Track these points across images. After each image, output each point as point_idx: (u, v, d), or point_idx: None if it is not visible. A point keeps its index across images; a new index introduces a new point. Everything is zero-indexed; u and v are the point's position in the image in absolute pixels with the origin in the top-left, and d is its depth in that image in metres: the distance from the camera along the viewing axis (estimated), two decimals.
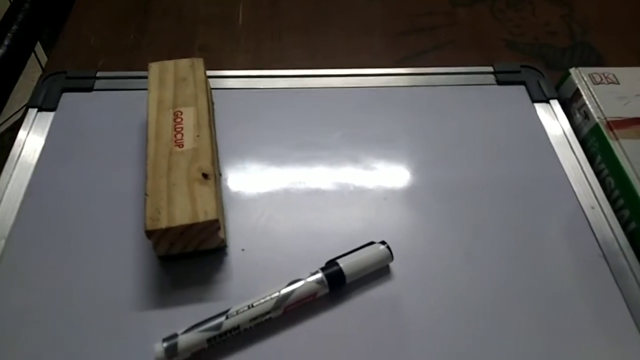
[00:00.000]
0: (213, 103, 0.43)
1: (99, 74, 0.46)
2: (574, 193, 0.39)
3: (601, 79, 0.45)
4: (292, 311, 0.32)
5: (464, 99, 0.46)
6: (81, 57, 0.50)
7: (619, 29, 0.55)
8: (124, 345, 0.31)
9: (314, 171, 0.40)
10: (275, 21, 0.55)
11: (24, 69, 0.56)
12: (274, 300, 0.31)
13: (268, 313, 0.31)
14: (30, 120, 0.42)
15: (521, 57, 0.52)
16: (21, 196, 0.37)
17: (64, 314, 0.32)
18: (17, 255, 0.34)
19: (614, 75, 0.45)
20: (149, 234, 0.31)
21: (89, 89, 0.45)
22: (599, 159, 0.41)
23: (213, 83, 0.45)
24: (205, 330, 0.29)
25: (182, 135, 0.35)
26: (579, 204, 0.39)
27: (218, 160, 0.40)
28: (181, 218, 0.31)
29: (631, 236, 0.37)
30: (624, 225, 0.38)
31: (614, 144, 0.40)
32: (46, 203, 0.37)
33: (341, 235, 0.36)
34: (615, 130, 0.41)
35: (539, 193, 0.39)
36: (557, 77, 0.47)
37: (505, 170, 0.41)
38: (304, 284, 0.32)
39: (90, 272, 0.34)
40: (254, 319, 0.30)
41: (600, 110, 0.42)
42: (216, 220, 0.31)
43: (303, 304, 0.32)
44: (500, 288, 0.34)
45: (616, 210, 0.39)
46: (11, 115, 1.17)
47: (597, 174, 0.41)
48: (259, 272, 0.34)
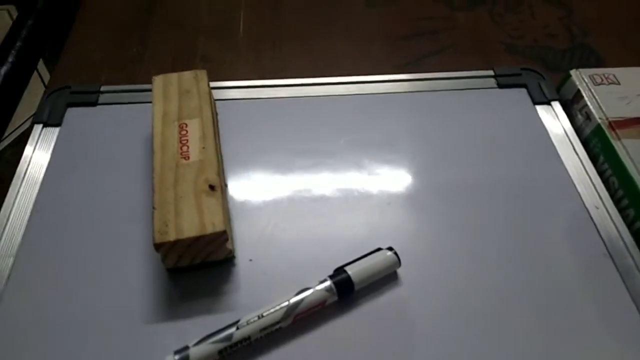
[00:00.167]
0: (217, 114, 0.43)
1: (102, 88, 0.46)
2: (578, 193, 0.40)
3: (602, 80, 0.45)
4: (302, 320, 0.32)
5: (466, 102, 0.46)
6: (84, 72, 0.50)
7: (618, 30, 0.56)
8: (134, 359, 0.31)
9: (318, 178, 0.40)
10: (275, 30, 0.55)
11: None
12: (284, 310, 0.31)
13: (278, 322, 0.31)
14: (36, 136, 0.42)
15: (521, 60, 0.52)
16: (28, 212, 0.38)
17: (74, 328, 0.32)
18: (26, 272, 0.34)
19: (614, 76, 0.45)
20: (158, 246, 0.31)
21: (94, 104, 0.45)
22: (601, 159, 0.41)
23: (215, 94, 0.45)
24: (216, 342, 0.30)
25: (188, 147, 0.35)
26: (583, 204, 0.39)
27: (223, 171, 0.40)
28: (189, 230, 0.31)
29: (636, 235, 0.37)
30: (629, 225, 0.38)
31: (616, 144, 0.40)
32: (54, 218, 0.37)
33: (347, 242, 0.36)
34: (617, 130, 0.41)
35: (542, 194, 0.40)
36: (558, 79, 0.48)
37: (509, 172, 0.41)
38: (313, 293, 0.32)
39: (99, 287, 0.34)
40: (264, 328, 0.30)
41: (602, 110, 0.43)
42: (224, 232, 0.31)
43: (312, 312, 0.32)
44: (507, 290, 0.34)
45: (620, 210, 0.39)
46: (13, 131, 1.18)
47: (601, 174, 0.41)
48: (267, 282, 0.34)
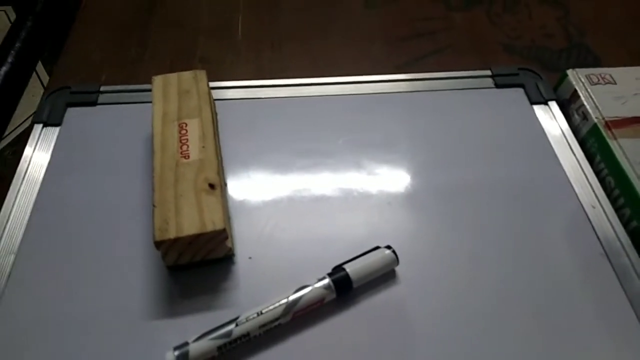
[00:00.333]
0: (216, 114, 0.44)
1: (102, 88, 0.46)
2: (575, 193, 0.40)
3: (598, 80, 0.45)
4: (301, 317, 0.32)
5: (464, 102, 0.46)
6: (84, 72, 0.50)
7: (615, 30, 0.56)
8: (134, 355, 0.31)
9: (317, 178, 0.41)
10: (274, 31, 0.56)
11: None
12: (283, 307, 0.31)
13: (277, 319, 0.31)
14: (36, 136, 0.43)
15: (518, 60, 0.53)
16: (29, 211, 0.38)
17: (74, 325, 0.32)
18: (27, 269, 0.35)
19: (610, 76, 0.45)
20: (158, 244, 0.31)
21: (93, 103, 0.45)
22: (598, 158, 0.42)
23: (215, 94, 0.45)
24: (215, 338, 0.30)
25: (188, 146, 0.36)
26: (580, 203, 0.39)
27: (223, 170, 0.40)
28: (189, 228, 0.31)
29: (632, 235, 0.37)
30: (625, 224, 0.38)
31: (612, 144, 0.41)
32: (54, 217, 0.37)
33: (346, 241, 0.36)
34: (613, 130, 0.41)
35: (540, 194, 0.40)
36: (555, 79, 0.48)
37: (506, 172, 0.41)
38: (311, 290, 0.32)
39: (100, 284, 0.34)
40: (264, 325, 0.31)
41: (598, 110, 0.43)
42: (224, 230, 0.32)
43: (311, 309, 0.32)
44: (505, 289, 0.35)
45: (617, 209, 0.39)
46: (12, 130, 1.18)
47: (597, 173, 0.41)
48: (266, 280, 0.35)
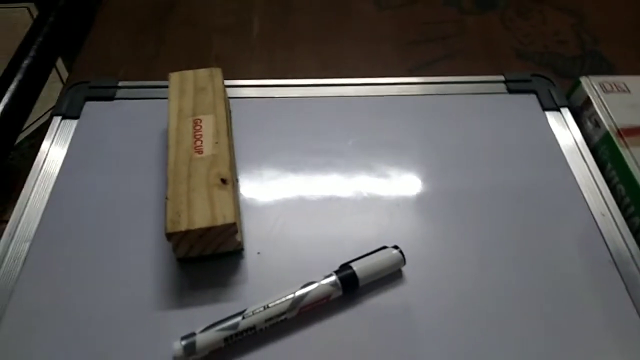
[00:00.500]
0: (230, 111, 0.44)
1: (120, 84, 0.47)
2: (585, 200, 0.40)
3: (612, 88, 0.45)
4: (307, 312, 0.32)
5: (476, 107, 0.46)
6: (103, 67, 0.52)
7: (629, 39, 0.56)
8: (143, 344, 0.32)
9: (328, 178, 0.41)
10: (288, 31, 0.56)
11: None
12: (289, 302, 0.32)
13: (283, 314, 0.31)
14: (55, 128, 0.44)
15: (531, 66, 0.53)
16: (45, 201, 0.39)
17: (85, 313, 0.33)
18: (41, 258, 0.36)
19: (624, 84, 0.45)
20: (169, 236, 0.32)
21: (111, 98, 0.46)
22: (609, 166, 0.42)
23: (229, 92, 0.46)
24: (222, 330, 0.30)
25: (202, 142, 0.36)
26: (590, 211, 0.39)
27: (235, 166, 0.41)
28: (200, 221, 0.32)
29: None
30: (635, 233, 0.38)
31: (624, 152, 0.40)
32: (69, 207, 0.38)
33: (355, 241, 0.37)
34: (626, 139, 0.41)
35: (550, 200, 0.40)
36: (568, 86, 0.48)
37: (517, 177, 0.41)
38: (318, 286, 0.32)
39: (112, 274, 0.35)
40: (270, 319, 0.31)
41: (611, 118, 0.43)
42: (234, 224, 0.32)
43: (317, 305, 0.33)
44: (512, 294, 0.35)
45: (627, 218, 0.39)
46: (31, 124, 1.20)
47: (608, 181, 0.41)
48: (273, 275, 0.35)
